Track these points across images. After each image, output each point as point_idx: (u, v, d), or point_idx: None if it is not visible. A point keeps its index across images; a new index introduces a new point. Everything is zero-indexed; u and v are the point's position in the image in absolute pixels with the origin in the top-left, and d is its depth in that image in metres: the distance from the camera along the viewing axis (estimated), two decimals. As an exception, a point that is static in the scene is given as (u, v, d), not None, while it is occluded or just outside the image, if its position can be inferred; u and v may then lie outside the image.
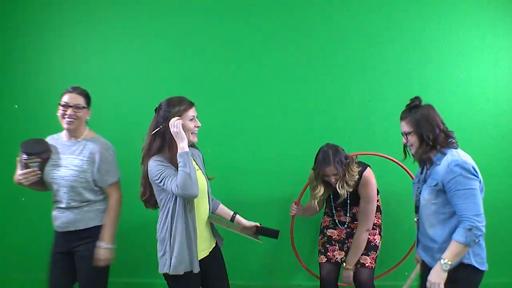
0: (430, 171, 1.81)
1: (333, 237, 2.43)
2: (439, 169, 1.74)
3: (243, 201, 2.88)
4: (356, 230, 2.37)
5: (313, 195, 2.26)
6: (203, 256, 1.92)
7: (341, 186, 2.17)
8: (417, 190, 1.91)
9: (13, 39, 3.03)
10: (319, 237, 2.50)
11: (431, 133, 1.75)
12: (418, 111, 1.79)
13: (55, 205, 2.09)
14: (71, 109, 2.04)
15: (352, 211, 2.38)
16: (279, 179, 2.90)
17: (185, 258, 1.80)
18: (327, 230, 2.46)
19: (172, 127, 1.78)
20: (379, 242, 2.37)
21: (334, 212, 2.43)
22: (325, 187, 2.24)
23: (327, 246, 2.42)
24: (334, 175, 2.16)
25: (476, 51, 2.83)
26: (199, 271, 1.86)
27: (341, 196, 2.22)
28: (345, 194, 2.20)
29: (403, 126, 1.83)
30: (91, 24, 2.99)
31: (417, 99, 1.83)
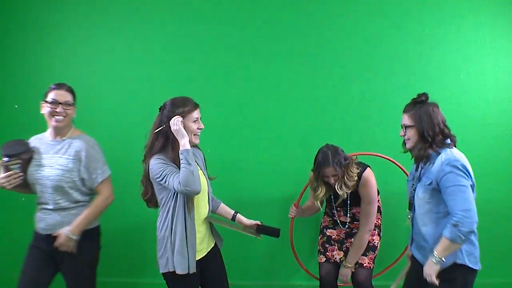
0: (424, 170, 1.82)
1: (333, 237, 2.43)
2: (433, 168, 1.74)
3: (244, 200, 2.88)
4: (355, 230, 2.39)
5: (315, 196, 2.27)
6: (202, 255, 1.93)
7: (340, 187, 2.17)
8: (411, 187, 1.91)
9: (13, 39, 3.03)
10: (319, 237, 2.50)
11: (430, 131, 1.75)
12: (422, 107, 1.79)
13: (40, 207, 2.00)
14: (61, 106, 1.98)
15: (352, 211, 2.38)
16: (279, 179, 2.91)
17: (185, 257, 1.81)
18: (327, 230, 2.46)
19: (172, 125, 1.78)
20: (377, 242, 2.37)
21: (334, 212, 2.43)
22: (326, 188, 2.25)
23: (327, 246, 2.42)
24: (333, 176, 2.17)
25: (476, 51, 2.84)
26: (197, 270, 1.86)
27: (340, 196, 2.22)
28: (344, 195, 2.20)
29: (404, 118, 1.83)
30: (92, 24, 2.99)
31: (424, 95, 1.83)
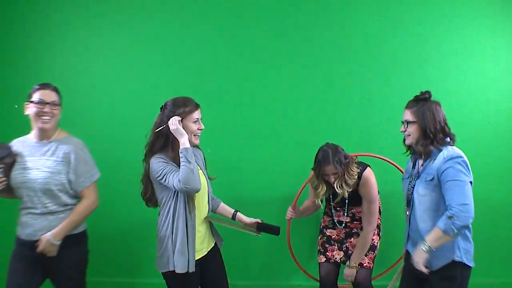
0: (424, 166, 1.83)
1: (332, 237, 2.43)
2: (435, 164, 1.76)
3: (244, 200, 2.88)
4: (355, 229, 2.39)
5: (316, 194, 2.27)
6: (202, 255, 1.93)
7: (340, 185, 2.17)
8: (409, 184, 1.91)
9: (13, 39, 3.03)
10: (319, 237, 2.50)
11: (432, 128, 1.78)
12: (425, 104, 1.81)
13: (26, 212, 1.91)
14: (48, 106, 1.90)
15: (351, 211, 2.38)
16: (279, 179, 2.91)
17: (185, 256, 1.81)
18: (327, 230, 2.46)
19: (170, 125, 1.79)
20: (377, 242, 2.37)
21: (333, 212, 2.43)
22: (327, 186, 2.25)
23: (326, 246, 2.42)
24: (333, 174, 2.17)
25: (476, 51, 2.84)
26: (197, 270, 1.87)
27: (339, 195, 2.22)
28: (344, 193, 2.20)
29: (406, 114, 1.85)
30: (92, 24, 3.00)
31: (428, 93, 1.85)
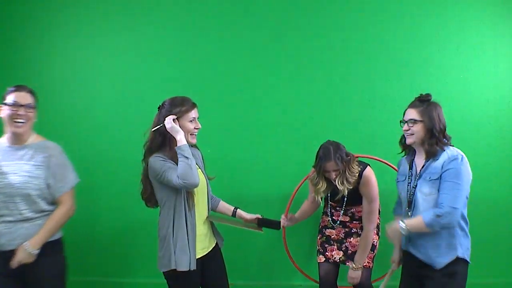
0: (426, 166, 1.84)
1: (332, 237, 2.43)
2: (438, 163, 1.79)
3: (244, 199, 2.88)
4: (354, 229, 2.39)
5: (316, 190, 2.26)
6: (203, 254, 1.93)
7: (341, 182, 2.16)
8: (408, 185, 1.92)
9: (13, 39, 3.03)
10: (318, 237, 2.50)
11: (438, 128, 1.82)
12: (431, 104, 1.84)
13: (0, 220, 1.79)
14: (22, 109, 1.83)
15: (350, 211, 2.38)
16: (279, 179, 2.91)
17: (187, 254, 1.82)
18: (326, 229, 2.46)
19: (166, 124, 1.81)
20: (376, 241, 2.37)
21: (332, 211, 2.43)
22: (327, 183, 2.25)
23: (326, 245, 2.42)
24: (334, 171, 2.16)
25: (476, 51, 2.84)
26: (198, 269, 1.87)
27: (340, 192, 2.21)
28: (345, 191, 2.19)
29: (411, 113, 1.85)
30: (92, 24, 3.00)
31: (429, 96, 1.88)
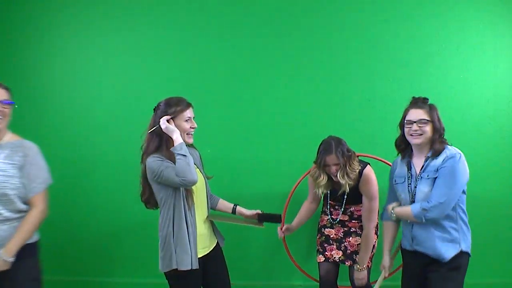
0: (426, 165, 1.87)
1: (331, 236, 2.42)
2: (437, 161, 1.83)
3: (244, 199, 2.87)
4: (353, 228, 2.39)
5: (316, 184, 2.27)
6: (204, 253, 1.94)
7: (342, 175, 2.16)
8: (409, 186, 1.93)
9: (13, 39, 3.04)
10: (317, 236, 2.50)
11: (441, 128, 1.88)
12: (431, 106, 1.90)
13: None
14: None
15: (349, 210, 2.38)
16: (280, 179, 2.90)
17: (188, 253, 1.82)
18: (325, 229, 2.46)
19: (161, 125, 1.83)
20: (375, 241, 2.37)
21: (331, 210, 2.43)
22: (328, 179, 2.25)
23: (325, 245, 2.42)
24: (335, 165, 2.17)
25: (476, 51, 2.83)
26: (200, 269, 1.88)
27: (342, 185, 2.20)
28: (346, 186, 2.19)
29: (420, 113, 1.87)
30: (92, 24, 3.00)
31: (426, 98, 1.93)
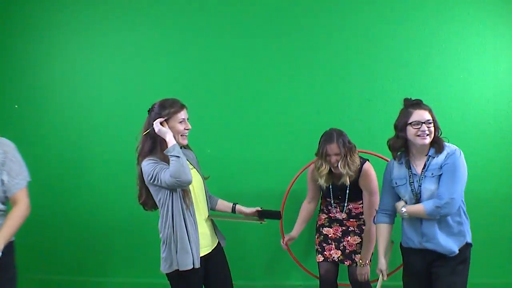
0: (428, 164, 1.90)
1: (329, 236, 2.42)
2: (440, 159, 1.88)
3: (244, 198, 2.86)
4: (351, 227, 2.39)
5: (318, 173, 2.27)
6: (205, 252, 1.94)
7: (343, 165, 2.17)
8: (411, 185, 1.94)
9: (13, 39, 3.04)
10: (315, 236, 2.50)
11: (438, 126, 1.93)
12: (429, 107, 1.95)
13: None
14: None
15: (348, 207, 2.38)
16: (280, 179, 2.89)
17: (189, 252, 1.83)
18: (323, 228, 2.46)
19: (154, 127, 1.84)
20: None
21: (330, 208, 2.43)
22: (329, 170, 2.25)
23: (324, 245, 2.42)
24: (335, 155, 2.18)
25: (476, 51, 2.83)
26: (202, 268, 1.88)
27: (343, 176, 2.20)
28: (347, 178, 2.20)
29: (426, 114, 1.89)
30: (92, 24, 3.01)
31: (421, 100, 1.97)
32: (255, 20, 2.92)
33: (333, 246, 2.40)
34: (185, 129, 1.91)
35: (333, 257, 2.37)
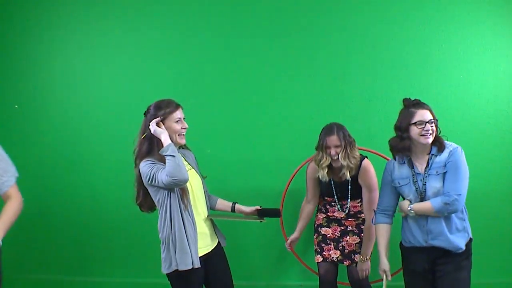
0: (431, 163, 1.92)
1: (328, 236, 2.42)
2: (443, 157, 1.90)
3: (244, 198, 2.87)
4: (350, 227, 2.39)
5: (320, 165, 2.27)
6: (205, 252, 1.95)
7: (344, 157, 2.18)
8: (415, 184, 1.95)
9: (13, 40, 3.04)
10: (314, 236, 2.49)
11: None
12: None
13: None
14: None
15: (346, 206, 2.38)
16: (280, 178, 2.89)
17: (187, 252, 1.83)
18: (321, 228, 2.45)
19: (150, 128, 1.85)
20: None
21: (328, 207, 2.43)
22: (328, 169, 2.26)
23: (323, 245, 2.41)
24: (335, 147, 2.18)
25: (476, 51, 2.83)
26: (202, 267, 1.88)
27: (343, 167, 2.20)
28: (347, 172, 2.20)
29: (428, 114, 1.91)
30: (92, 24, 3.01)
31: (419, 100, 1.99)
32: (255, 20, 2.92)
33: (332, 246, 2.39)
34: (182, 128, 1.92)
35: (332, 257, 2.37)
